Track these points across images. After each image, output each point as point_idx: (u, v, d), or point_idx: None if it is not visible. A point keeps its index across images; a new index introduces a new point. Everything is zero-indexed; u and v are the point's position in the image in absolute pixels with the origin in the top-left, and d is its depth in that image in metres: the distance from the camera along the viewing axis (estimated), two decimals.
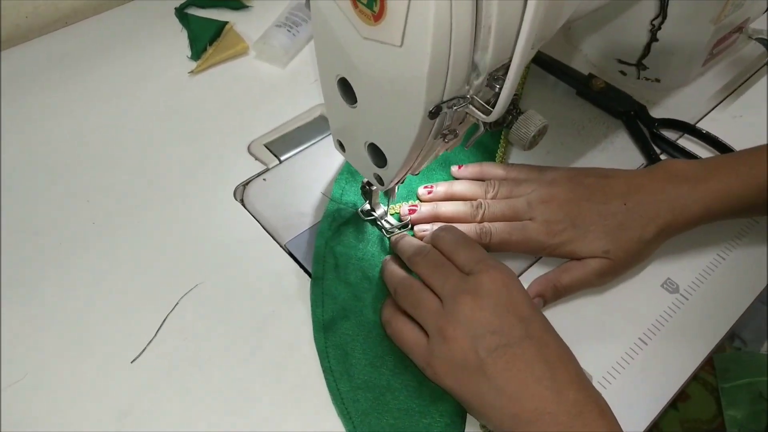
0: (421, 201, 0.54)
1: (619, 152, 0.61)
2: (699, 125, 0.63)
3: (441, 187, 0.54)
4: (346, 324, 0.47)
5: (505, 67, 0.38)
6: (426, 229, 0.51)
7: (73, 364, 0.45)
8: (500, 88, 0.37)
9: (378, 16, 0.33)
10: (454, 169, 0.56)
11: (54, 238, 0.51)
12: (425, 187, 0.54)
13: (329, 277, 0.49)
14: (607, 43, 0.65)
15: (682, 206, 0.49)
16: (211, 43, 0.66)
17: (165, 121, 0.60)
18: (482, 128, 0.40)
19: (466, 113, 0.39)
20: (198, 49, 0.65)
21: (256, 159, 0.58)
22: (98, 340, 0.46)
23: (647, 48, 0.60)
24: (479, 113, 0.37)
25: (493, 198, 0.52)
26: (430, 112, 0.36)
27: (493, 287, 0.41)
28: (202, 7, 0.70)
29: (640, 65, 0.62)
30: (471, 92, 0.37)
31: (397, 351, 0.46)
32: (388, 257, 0.50)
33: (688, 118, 0.63)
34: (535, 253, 0.51)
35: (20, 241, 0.51)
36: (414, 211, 0.52)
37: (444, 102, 0.36)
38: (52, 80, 0.62)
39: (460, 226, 0.50)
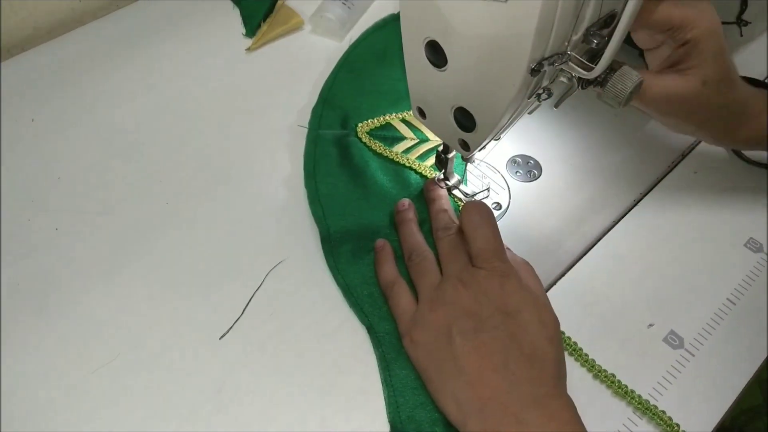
0: None
1: None
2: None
3: None
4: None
5: (601, 22, 0.37)
6: None
7: (162, 343, 0.45)
8: (597, 44, 0.36)
9: None
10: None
11: (131, 220, 0.51)
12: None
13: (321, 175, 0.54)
14: None
15: None
16: (264, 20, 0.65)
17: (227, 99, 0.59)
18: (576, 86, 0.39)
19: (561, 71, 0.39)
20: (252, 26, 0.65)
21: None
22: (185, 317, 0.46)
23: (744, 2, 0.58)
24: (580, 70, 0.36)
25: None
26: (533, 69, 0.35)
27: (486, 283, 0.42)
28: None
29: (740, 21, 0.60)
30: (569, 48, 0.36)
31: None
32: (408, 209, 0.51)
33: (755, 74, 0.62)
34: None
35: (97, 224, 0.51)
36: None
37: (545, 59, 0.35)
38: (113, 63, 0.62)
39: None
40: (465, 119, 0.41)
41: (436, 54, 0.39)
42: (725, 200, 0.53)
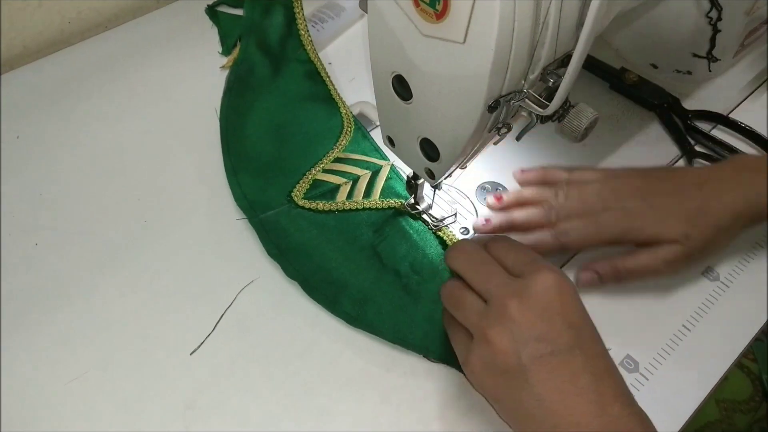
0: (492, 209, 0.53)
1: (653, 144, 0.62)
2: (731, 116, 0.64)
3: (511, 196, 0.53)
4: None
5: (558, 62, 0.39)
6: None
7: (134, 359, 0.47)
8: (554, 83, 0.38)
9: (440, 15, 0.34)
10: (516, 173, 0.55)
11: (108, 238, 0.53)
12: (494, 196, 0.53)
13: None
14: (647, 40, 0.66)
15: (758, 194, 0.48)
16: (241, 39, 0.67)
17: (206, 119, 0.61)
18: (535, 121, 0.41)
19: (520, 107, 0.41)
20: (229, 45, 0.67)
21: None
22: (157, 334, 0.48)
23: (713, 41, 0.61)
24: (535, 107, 0.38)
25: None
26: (490, 106, 0.37)
27: (543, 289, 0.39)
28: (233, 6, 0.72)
29: (710, 57, 0.62)
30: (526, 86, 0.38)
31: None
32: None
33: (720, 109, 0.64)
34: (615, 242, 0.49)
35: (76, 241, 0.53)
36: (489, 222, 0.51)
37: (502, 96, 0.37)
38: (98, 83, 0.64)
39: (535, 233, 0.49)
40: (430, 149, 0.43)
41: (402, 87, 0.41)
42: None
